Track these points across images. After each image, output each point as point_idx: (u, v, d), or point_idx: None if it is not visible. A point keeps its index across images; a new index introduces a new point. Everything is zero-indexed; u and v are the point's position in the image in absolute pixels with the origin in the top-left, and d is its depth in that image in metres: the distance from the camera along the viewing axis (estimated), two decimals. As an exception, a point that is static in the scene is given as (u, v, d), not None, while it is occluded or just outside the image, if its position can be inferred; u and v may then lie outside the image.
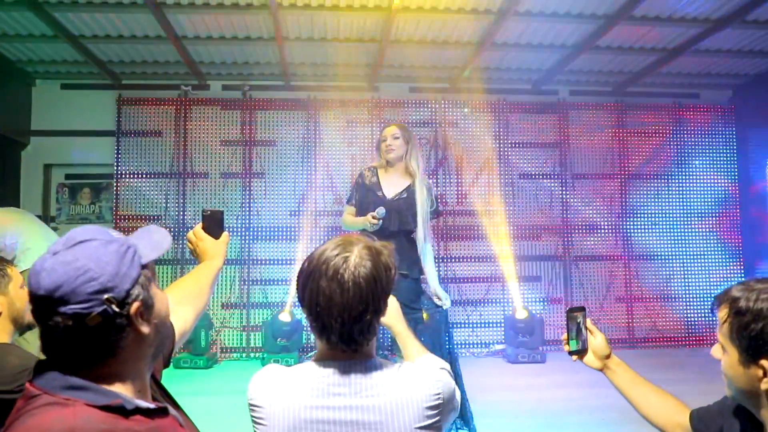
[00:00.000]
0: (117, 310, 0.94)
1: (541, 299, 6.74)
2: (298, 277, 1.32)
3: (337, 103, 6.72)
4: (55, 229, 6.60)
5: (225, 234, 1.69)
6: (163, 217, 6.51)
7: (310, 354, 5.98)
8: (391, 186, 3.49)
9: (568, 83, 6.95)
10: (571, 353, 1.75)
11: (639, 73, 6.58)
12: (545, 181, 6.90)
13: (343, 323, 1.24)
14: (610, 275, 6.85)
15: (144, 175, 6.54)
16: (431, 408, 1.27)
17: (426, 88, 6.86)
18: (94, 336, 0.93)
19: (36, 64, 6.26)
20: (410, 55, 6.19)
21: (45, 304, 0.92)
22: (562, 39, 5.70)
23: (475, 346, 6.60)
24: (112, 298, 0.94)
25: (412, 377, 1.30)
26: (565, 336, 1.74)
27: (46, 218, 6.60)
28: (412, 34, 5.63)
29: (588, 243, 6.87)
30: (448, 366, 1.51)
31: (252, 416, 1.31)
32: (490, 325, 6.67)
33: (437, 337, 3.51)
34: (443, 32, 5.57)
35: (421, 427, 1.26)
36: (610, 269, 6.86)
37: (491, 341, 6.61)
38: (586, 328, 1.76)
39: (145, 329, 0.99)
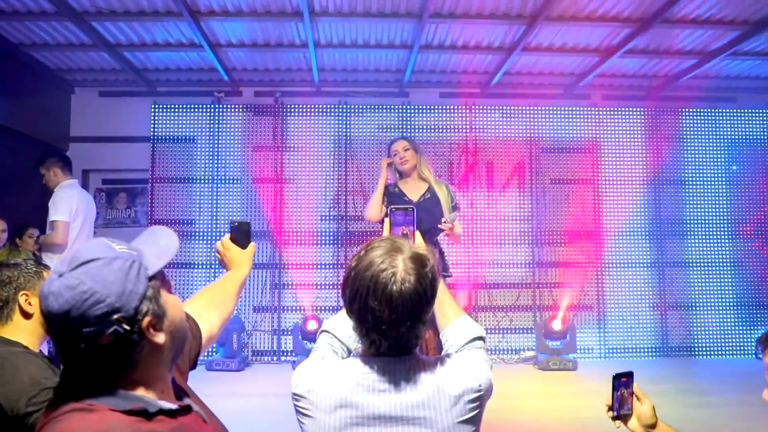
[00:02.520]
0: (128, 328, 0.95)
1: (574, 306, 6.65)
2: (344, 284, 1.35)
3: (368, 108, 6.77)
4: (93, 233, 6.78)
5: (252, 244, 1.75)
6: (196, 221, 6.61)
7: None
8: (413, 191, 3.79)
9: (601, 87, 6.86)
10: (613, 419, 1.72)
11: (674, 76, 6.47)
12: (577, 186, 6.82)
13: (393, 337, 1.30)
14: (643, 282, 6.73)
15: (178, 181, 6.66)
16: (472, 401, 1.32)
17: (457, 93, 6.85)
18: (109, 354, 0.95)
19: (75, 73, 6.44)
20: (441, 61, 6.19)
21: (56, 328, 0.94)
22: (595, 42, 5.64)
23: (505, 352, 6.54)
24: (122, 318, 0.94)
25: (453, 373, 1.34)
26: (609, 401, 1.71)
27: (83, 222, 6.77)
28: (444, 40, 5.63)
29: (621, 249, 6.76)
30: (484, 352, 1.53)
31: (297, 407, 1.34)
32: (521, 331, 6.61)
33: None
34: (475, 37, 5.56)
35: (462, 421, 1.30)
36: (643, 276, 6.74)
37: (521, 347, 6.54)
38: (633, 393, 1.73)
39: (159, 339, 1.00)
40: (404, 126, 6.76)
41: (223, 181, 6.67)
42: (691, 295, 6.73)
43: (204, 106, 6.71)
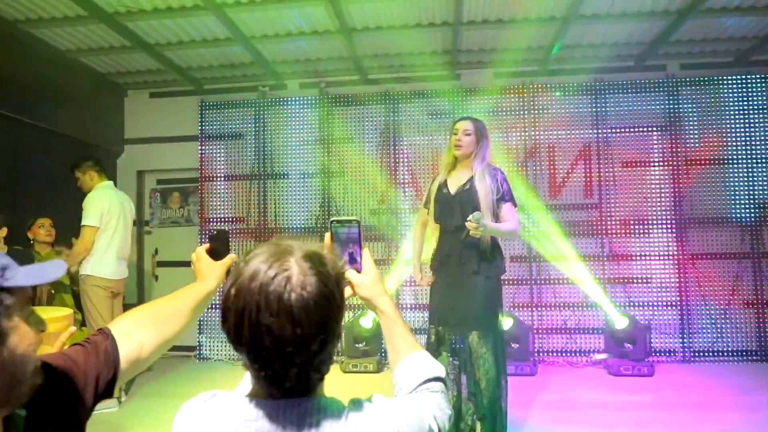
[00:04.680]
0: None
1: (651, 303, 5.95)
2: (223, 311, 1.02)
3: (417, 94, 6.38)
4: (148, 233, 6.89)
5: (229, 256, 1.55)
6: (246, 218, 6.53)
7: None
8: (455, 182, 3.44)
9: (678, 56, 6.07)
10: None
11: (766, 37, 5.56)
12: (653, 169, 6.09)
13: (301, 364, 0.98)
14: (736, 276, 5.89)
15: (227, 178, 6.61)
16: None
17: (512, 73, 6.31)
18: None
19: (125, 76, 6.52)
20: (490, 38, 5.69)
21: None
22: (664, 3, 4.93)
23: (573, 354, 5.96)
24: None
25: (372, 422, 1.02)
26: None
27: (140, 222, 6.89)
28: (488, 14, 5.14)
29: (707, 238, 5.95)
30: (442, 396, 1.18)
31: None
32: (590, 331, 6.00)
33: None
34: (522, 8, 5.02)
35: None
36: (736, 269, 5.90)
37: (591, 349, 5.94)
38: None
39: None
40: (456, 111, 6.30)
41: (270, 177, 6.54)
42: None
43: (249, 101, 6.60)
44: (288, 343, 0.95)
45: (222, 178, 6.62)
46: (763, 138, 5.91)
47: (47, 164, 5.70)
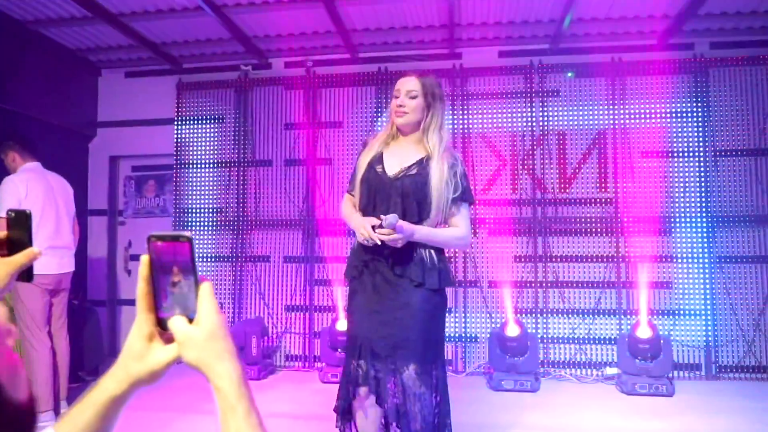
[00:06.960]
0: None
1: (672, 311, 5.28)
2: None
3: (413, 74, 5.74)
4: (122, 223, 6.38)
5: (29, 250, 1.14)
6: (225, 209, 5.97)
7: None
8: (397, 159, 2.47)
9: (708, 33, 5.36)
10: None
11: (812, 9, 4.86)
12: (677, 160, 5.41)
13: None
14: (769, 281, 5.20)
15: (205, 165, 6.06)
16: None
17: (519, 51, 5.66)
18: None
19: (98, 53, 5.99)
20: (493, 10, 5.05)
21: None
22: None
23: (581, 367, 5.32)
24: None
25: None
26: None
27: (113, 212, 6.38)
28: (488, -21, 4.52)
29: (737, 238, 5.26)
30: None
31: None
32: (602, 341, 5.35)
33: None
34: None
35: None
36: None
37: (602, 362, 5.29)
38: None
39: None
40: (457, 93, 5.70)
41: (252, 164, 5.98)
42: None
43: (230, 81, 6.05)
44: None
45: (199, 165, 6.06)
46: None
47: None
